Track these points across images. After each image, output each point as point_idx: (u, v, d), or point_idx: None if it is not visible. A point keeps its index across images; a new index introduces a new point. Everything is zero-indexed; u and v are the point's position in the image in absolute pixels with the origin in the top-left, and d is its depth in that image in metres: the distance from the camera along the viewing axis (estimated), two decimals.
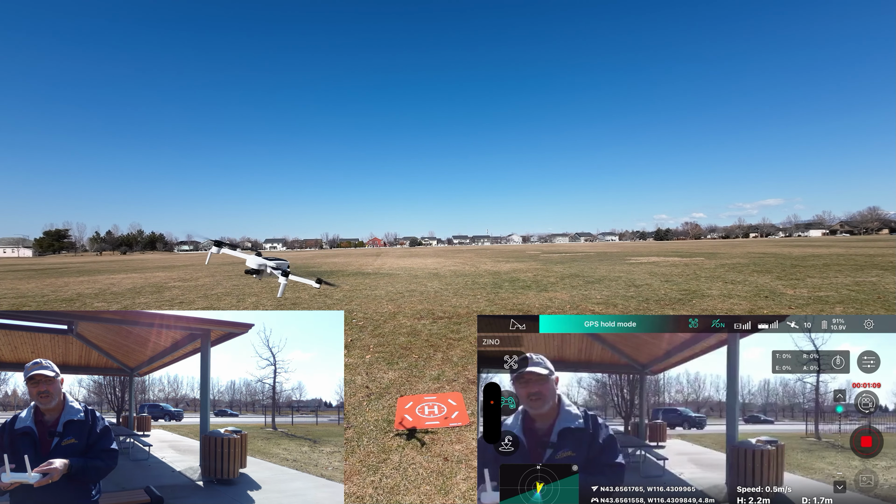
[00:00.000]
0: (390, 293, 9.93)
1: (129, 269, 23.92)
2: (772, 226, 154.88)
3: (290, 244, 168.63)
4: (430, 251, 59.17)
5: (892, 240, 49.19)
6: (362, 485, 2.25)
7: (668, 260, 20.11)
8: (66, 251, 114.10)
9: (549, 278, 12.56)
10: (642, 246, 62.66)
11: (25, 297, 11.01)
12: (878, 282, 9.56)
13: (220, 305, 9.10)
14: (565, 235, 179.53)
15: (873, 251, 21.92)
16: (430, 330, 5.89)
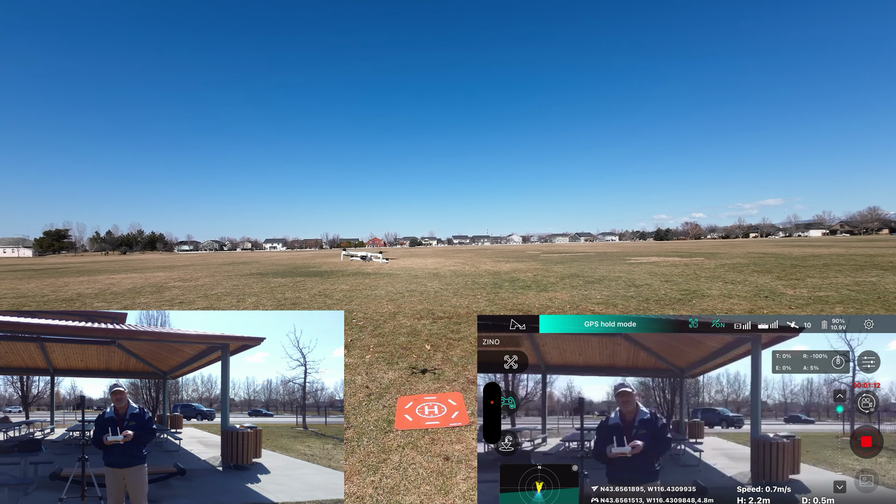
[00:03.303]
0: (390, 293, 9.93)
1: (130, 269, 23.93)
2: (772, 226, 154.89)
3: (290, 244, 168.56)
4: (430, 251, 59.16)
5: (892, 240, 49.21)
6: (362, 485, 2.25)
7: (668, 260, 20.11)
8: (66, 251, 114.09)
9: (549, 278, 12.56)
10: (642, 246, 62.68)
11: (25, 297, 11.01)
12: (878, 282, 9.57)
13: (220, 305, 9.10)
14: (565, 235, 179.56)
15: (873, 251, 21.92)
16: (430, 330, 5.89)
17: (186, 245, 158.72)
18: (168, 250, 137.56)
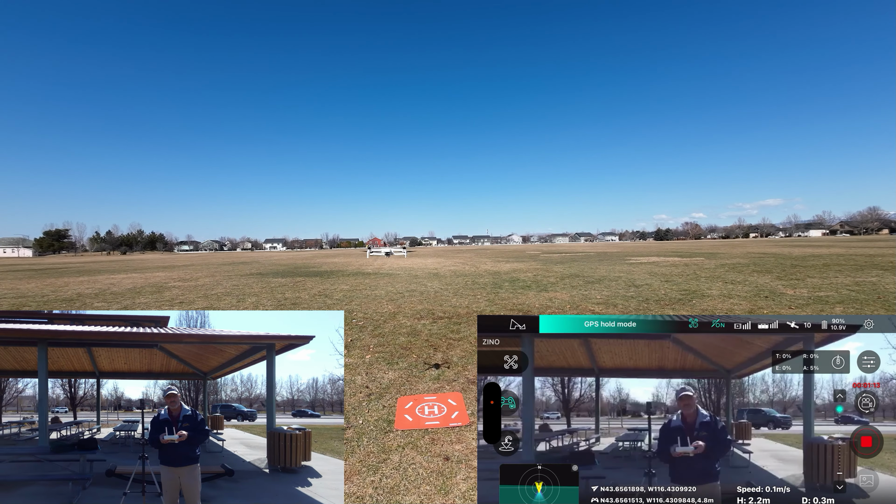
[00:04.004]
0: (390, 293, 9.93)
1: (130, 269, 23.93)
2: (772, 226, 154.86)
3: (289, 244, 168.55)
4: (430, 251, 59.15)
5: (892, 240, 49.20)
6: (362, 485, 2.25)
7: (668, 260, 20.11)
8: (66, 251, 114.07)
9: (549, 278, 12.56)
10: (642, 246, 62.67)
11: (26, 297, 11.01)
12: (878, 282, 9.56)
13: (220, 305, 9.10)
14: (565, 235, 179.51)
15: (873, 251, 21.92)
16: (430, 330, 5.89)
17: (186, 245, 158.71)
18: (168, 250, 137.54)
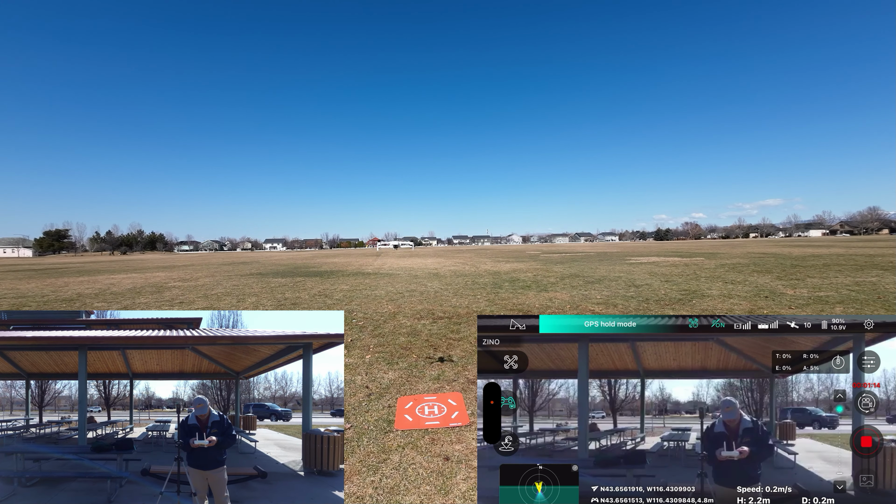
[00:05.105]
0: (390, 293, 9.93)
1: (130, 269, 23.92)
2: (772, 226, 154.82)
3: (289, 244, 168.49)
4: (430, 251, 59.15)
5: (892, 240, 49.19)
6: (362, 485, 2.25)
7: (668, 260, 20.11)
8: (66, 251, 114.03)
9: (549, 278, 12.56)
10: (642, 246, 62.66)
11: (25, 297, 11.01)
12: (878, 282, 9.56)
13: (221, 305, 9.10)
14: (565, 235, 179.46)
15: (873, 251, 21.92)
16: (430, 330, 5.89)
17: (186, 245, 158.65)
18: (168, 250, 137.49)
